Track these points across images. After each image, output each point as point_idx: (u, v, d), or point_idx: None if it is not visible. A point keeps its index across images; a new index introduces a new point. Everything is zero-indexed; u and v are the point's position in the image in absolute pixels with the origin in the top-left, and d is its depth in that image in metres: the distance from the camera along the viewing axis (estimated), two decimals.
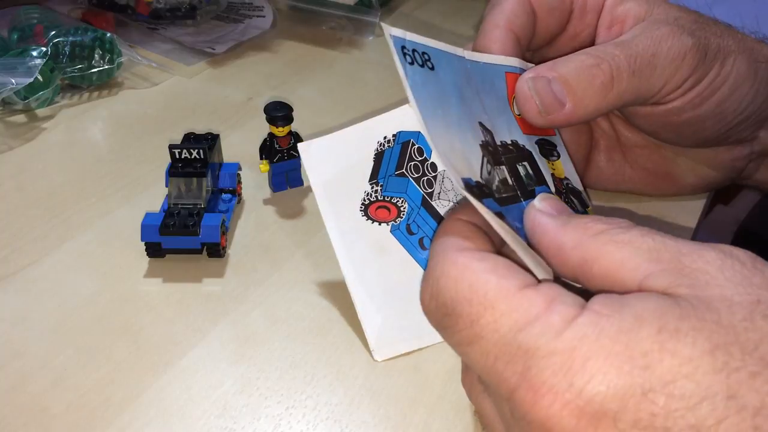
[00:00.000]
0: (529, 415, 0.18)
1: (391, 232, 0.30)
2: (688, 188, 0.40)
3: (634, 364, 0.17)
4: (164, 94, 0.52)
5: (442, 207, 0.30)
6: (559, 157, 0.34)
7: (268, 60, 0.58)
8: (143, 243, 0.35)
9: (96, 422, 0.27)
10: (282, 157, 0.39)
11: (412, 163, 0.30)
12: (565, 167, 0.34)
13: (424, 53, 0.28)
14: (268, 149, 0.39)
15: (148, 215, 0.35)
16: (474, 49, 0.32)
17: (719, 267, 0.19)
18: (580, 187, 0.35)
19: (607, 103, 0.31)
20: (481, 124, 0.29)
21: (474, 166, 0.27)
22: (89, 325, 0.31)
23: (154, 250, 0.35)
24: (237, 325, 0.32)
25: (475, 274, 0.20)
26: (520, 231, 0.25)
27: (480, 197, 0.25)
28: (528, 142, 0.31)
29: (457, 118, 0.28)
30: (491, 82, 0.31)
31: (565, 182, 0.33)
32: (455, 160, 0.26)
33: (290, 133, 0.39)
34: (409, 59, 0.27)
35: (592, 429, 0.17)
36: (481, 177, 0.27)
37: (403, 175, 0.30)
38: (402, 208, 0.30)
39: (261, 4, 0.65)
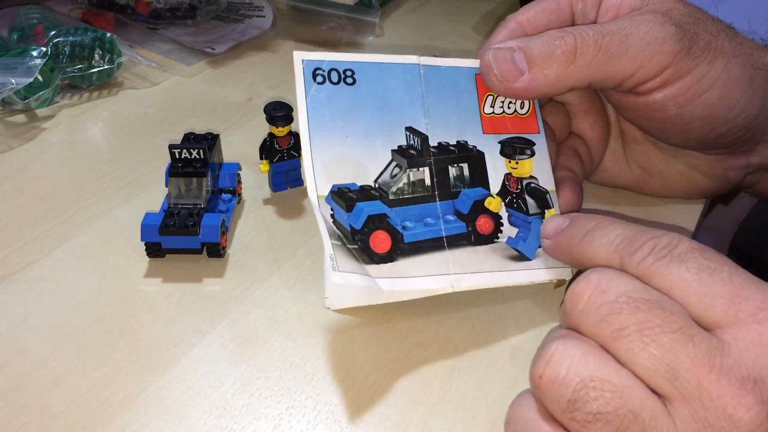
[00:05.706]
0: None
1: None
2: (681, 192, 0.40)
3: None
4: (164, 94, 0.52)
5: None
6: (531, 155, 0.33)
7: (268, 60, 0.58)
8: (143, 243, 0.35)
9: (96, 422, 0.27)
10: (282, 157, 0.39)
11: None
12: (537, 166, 0.33)
13: (346, 70, 0.31)
14: (268, 149, 0.39)
15: (148, 215, 0.35)
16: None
17: None
18: (549, 187, 0.33)
19: (569, 74, 0.31)
20: (410, 128, 0.31)
21: (370, 171, 0.30)
22: (89, 325, 0.31)
23: (154, 250, 0.35)
24: (237, 325, 0.32)
25: None
26: (424, 228, 0.30)
27: (352, 201, 0.29)
28: (486, 142, 0.32)
29: (367, 127, 0.30)
30: (453, 84, 0.33)
31: (525, 182, 0.33)
32: (333, 169, 0.29)
33: (290, 133, 0.39)
34: (320, 79, 0.30)
35: None
36: (376, 181, 0.30)
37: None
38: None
39: (261, 4, 0.65)
